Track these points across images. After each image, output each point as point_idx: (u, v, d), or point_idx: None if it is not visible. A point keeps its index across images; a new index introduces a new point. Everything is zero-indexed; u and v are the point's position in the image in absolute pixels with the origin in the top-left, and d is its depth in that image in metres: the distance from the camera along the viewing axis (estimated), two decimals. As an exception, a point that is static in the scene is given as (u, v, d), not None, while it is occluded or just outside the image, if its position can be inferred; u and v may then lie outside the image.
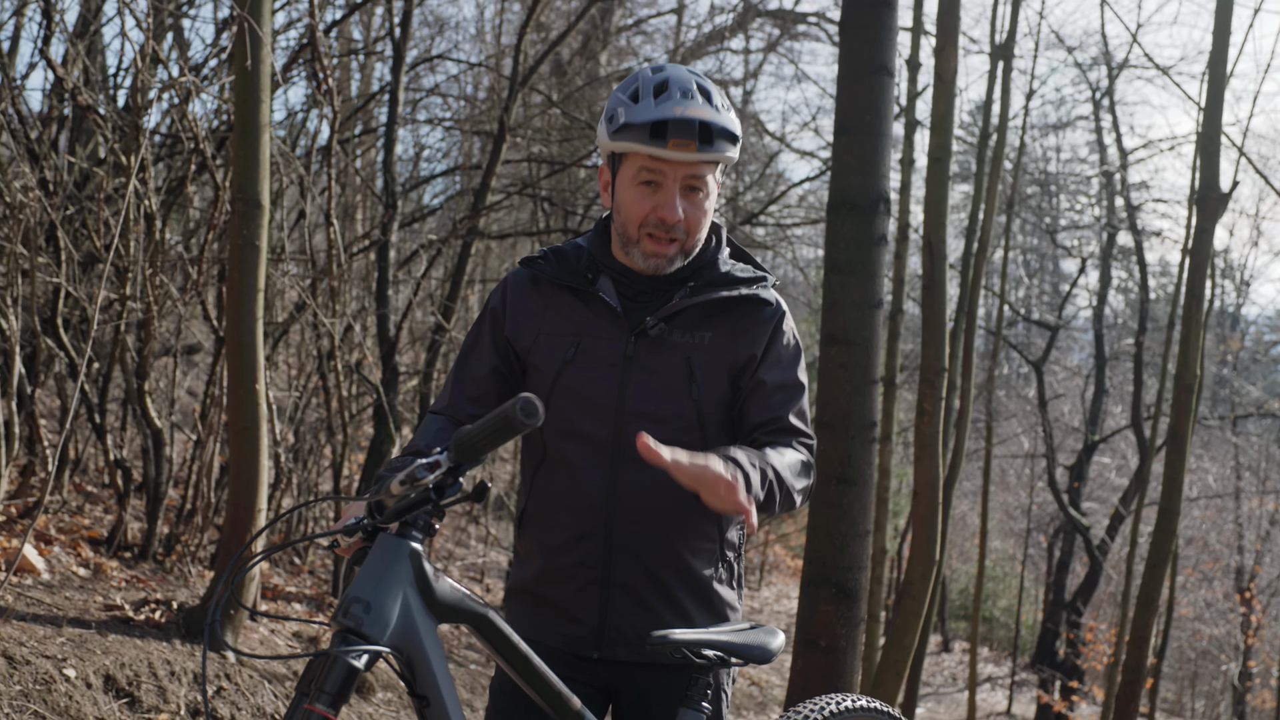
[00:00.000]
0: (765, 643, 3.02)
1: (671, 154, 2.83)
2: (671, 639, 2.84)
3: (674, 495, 2.87)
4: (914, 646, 8.02)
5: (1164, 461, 10.67)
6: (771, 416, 3.06)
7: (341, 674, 2.25)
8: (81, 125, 8.25)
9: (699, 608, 3.09)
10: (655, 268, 3.00)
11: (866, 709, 3.34)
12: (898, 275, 14.95)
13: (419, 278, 10.99)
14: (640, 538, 3.00)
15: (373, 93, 13.81)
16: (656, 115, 2.82)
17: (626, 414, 2.98)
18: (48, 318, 7.04)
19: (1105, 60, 21.06)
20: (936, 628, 30.57)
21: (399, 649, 2.36)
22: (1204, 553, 28.06)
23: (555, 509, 3.06)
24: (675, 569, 3.04)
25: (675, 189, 2.91)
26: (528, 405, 2.21)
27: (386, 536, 2.40)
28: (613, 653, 3.05)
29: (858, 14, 6.28)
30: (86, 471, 8.74)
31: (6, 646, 4.67)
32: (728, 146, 2.89)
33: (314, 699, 2.23)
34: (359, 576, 2.35)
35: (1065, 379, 29.00)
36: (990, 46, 14.10)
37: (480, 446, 2.30)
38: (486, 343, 3.18)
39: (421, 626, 2.39)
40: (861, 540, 6.12)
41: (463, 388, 3.17)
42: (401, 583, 2.36)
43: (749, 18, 19.88)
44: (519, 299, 3.16)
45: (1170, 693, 31.51)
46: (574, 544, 3.02)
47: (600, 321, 3.06)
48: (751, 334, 3.07)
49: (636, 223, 2.96)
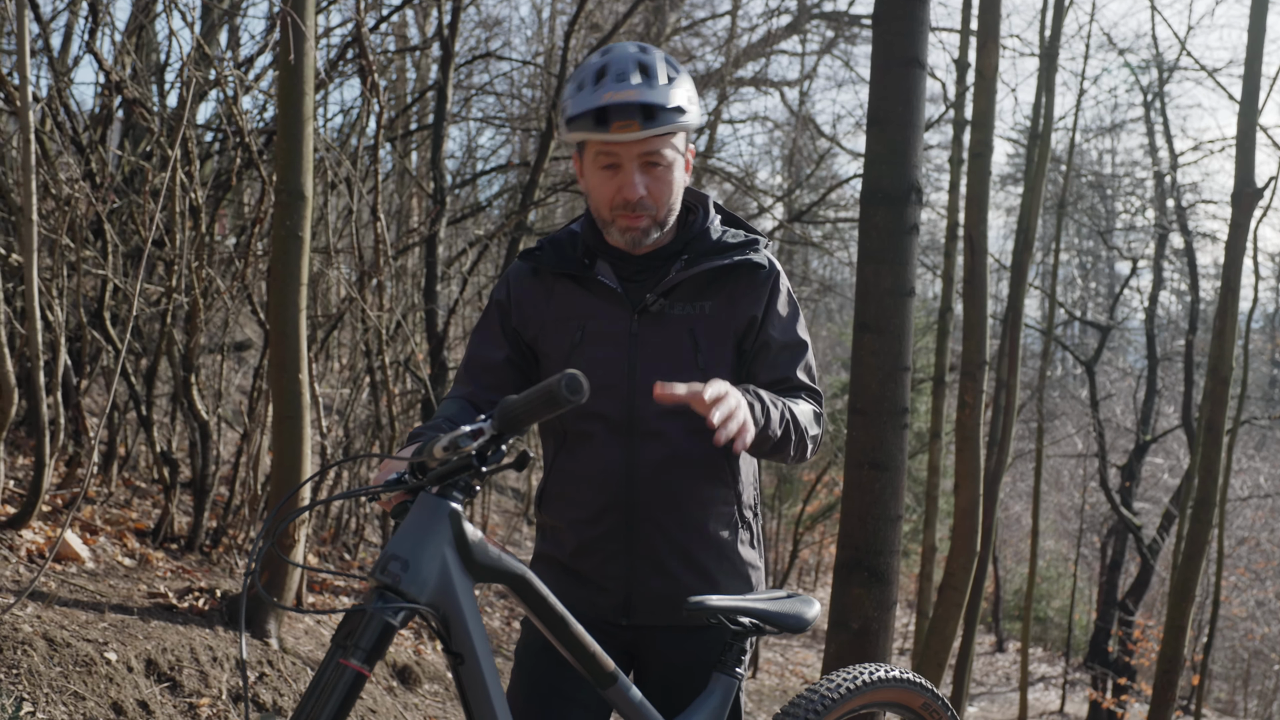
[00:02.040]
0: (801, 611, 3.08)
1: (617, 136, 2.87)
2: (708, 605, 2.90)
3: (690, 464, 3.02)
4: (955, 636, 8.02)
5: (1199, 454, 10.68)
6: (781, 376, 3.13)
7: (377, 630, 2.27)
8: (131, 120, 8.35)
9: (722, 569, 3.15)
10: (633, 242, 3.05)
11: (900, 679, 3.38)
12: (947, 274, 14.91)
13: (466, 273, 11.03)
14: (660, 507, 3.06)
15: (423, 89, 13.89)
16: (595, 103, 2.85)
17: (638, 390, 3.04)
18: (95, 310, 7.12)
19: (1156, 62, 20.94)
20: (991, 628, 30.51)
21: (436, 607, 2.38)
22: (1255, 552, 27.85)
23: (578, 486, 3.10)
24: (696, 534, 3.10)
25: (633, 168, 2.95)
26: (573, 381, 2.22)
27: (427, 496, 2.41)
28: (642, 620, 3.10)
29: (890, 7, 6.30)
30: (136, 467, 8.83)
31: (47, 629, 4.73)
32: (675, 117, 2.90)
33: (349, 654, 2.25)
34: (398, 534, 2.37)
35: (1118, 379, 28.87)
36: (1039, 48, 14.06)
37: (523, 417, 2.31)
38: (497, 332, 3.25)
39: (459, 586, 2.41)
40: (893, 524, 6.14)
41: (476, 376, 3.22)
42: (440, 542, 2.37)
43: (803, 20, 19.89)
44: (522, 290, 3.22)
45: (1223, 692, 31.30)
46: (598, 518, 3.08)
47: (602, 304, 3.11)
48: (750, 296, 3.12)
49: (606, 205, 3.02)
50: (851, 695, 3.23)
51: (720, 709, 2.98)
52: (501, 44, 17.85)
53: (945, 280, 15.02)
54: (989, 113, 8.24)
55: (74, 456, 7.20)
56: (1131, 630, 21.74)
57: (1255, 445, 28.37)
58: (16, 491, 6.64)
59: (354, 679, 2.24)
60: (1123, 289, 25.50)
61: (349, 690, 2.23)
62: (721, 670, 3.02)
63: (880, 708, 3.42)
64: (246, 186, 10.34)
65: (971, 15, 13.05)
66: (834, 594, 6.27)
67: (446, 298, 11.49)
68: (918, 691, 3.43)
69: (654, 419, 3.02)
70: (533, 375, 3.24)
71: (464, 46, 14.05)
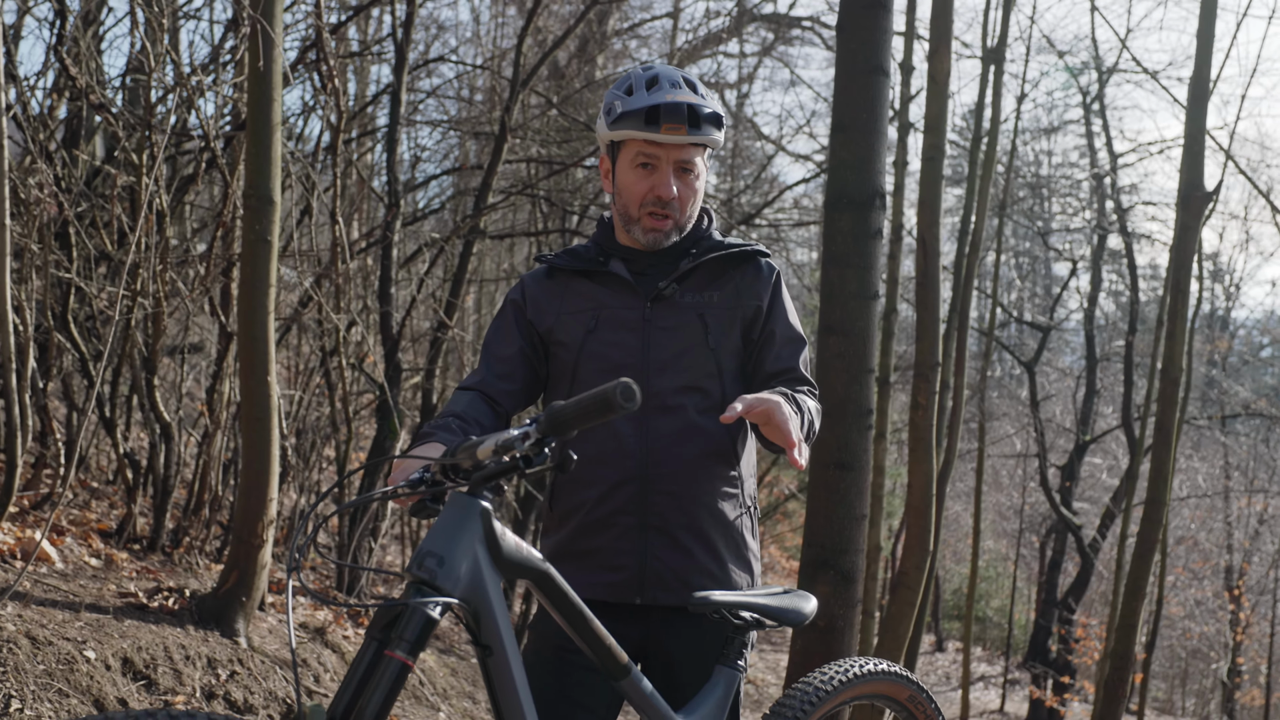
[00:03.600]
0: (799, 606, 3.23)
1: (664, 137, 3.14)
2: (712, 600, 3.03)
3: (700, 441, 3.23)
4: (909, 635, 8.15)
5: (1151, 453, 10.88)
6: (786, 367, 3.34)
7: (420, 623, 2.35)
8: (83, 124, 8.36)
9: (730, 551, 3.31)
10: (654, 242, 3.29)
11: (888, 672, 3.53)
12: (892, 276, 15.03)
13: (421, 276, 11.08)
14: (674, 480, 3.23)
15: (375, 93, 13.92)
16: (650, 102, 3.13)
17: (652, 368, 3.24)
18: (59, 313, 7.15)
19: (1095, 65, 21.21)
20: (930, 627, 30.70)
21: (467, 601, 2.48)
22: (1194, 552, 28.22)
23: (591, 467, 3.24)
24: (708, 510, 3.27)
25: (669, 170, 3.22)
26: (627, 390, 2.29)
27: (459, 495, 2.51)
28: (654, 597, 3.24)
29: (854, 17, 6.51)
30: (89, 469, 8.83)
31: (30, 628, 4.79)
32: (714, 130, 3.20)
33: (394, 646, 2.33)
34: (433, 531, 2.47)
35: (1057, 380, 29.20)
36: (982, 50, 14.22)
37: (573, 422, 2.37)
38: (511, 327, 3.42)
39: (489, 581, 2.51)
40: (858, 524, 6.31)
41: (491, 367, 3.39)
42: (472, 539, 2.48)
43: (743, 22, 19.98)
44: (537, 289, 3.42)
45: (1161, 691, 31.68)
46: (612, 492, 3.24)
47: (616, 294, 3.32)
48: (755, 288, 3.36)
49: (637, 202, 3.26)
50: (843, 688, 3.37)
51: (724, 700, 3.11)
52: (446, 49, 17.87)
53: (890, 282, 15.14)
54: (941, 117, 8.39)
55: (39, 458, 7.22)
56: (1074, 629, 22.01)
57: (1193, 445, 28.73)
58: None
59: (400, 670, 2.33)
60: (1062, 290, 25.78)
61: (395, 680, 2.32)
62: (724, 663, 3.15)
63: (870, 700, 3.57)
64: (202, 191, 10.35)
65: (916, 18, 13.16)
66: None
67: (400, 300, 11.53)
68: (904, 684, 3.59)
69: (667, 395, 3.22)
70: (541, 369, 3.42)
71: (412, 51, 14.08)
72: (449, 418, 3.15)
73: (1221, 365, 29.67)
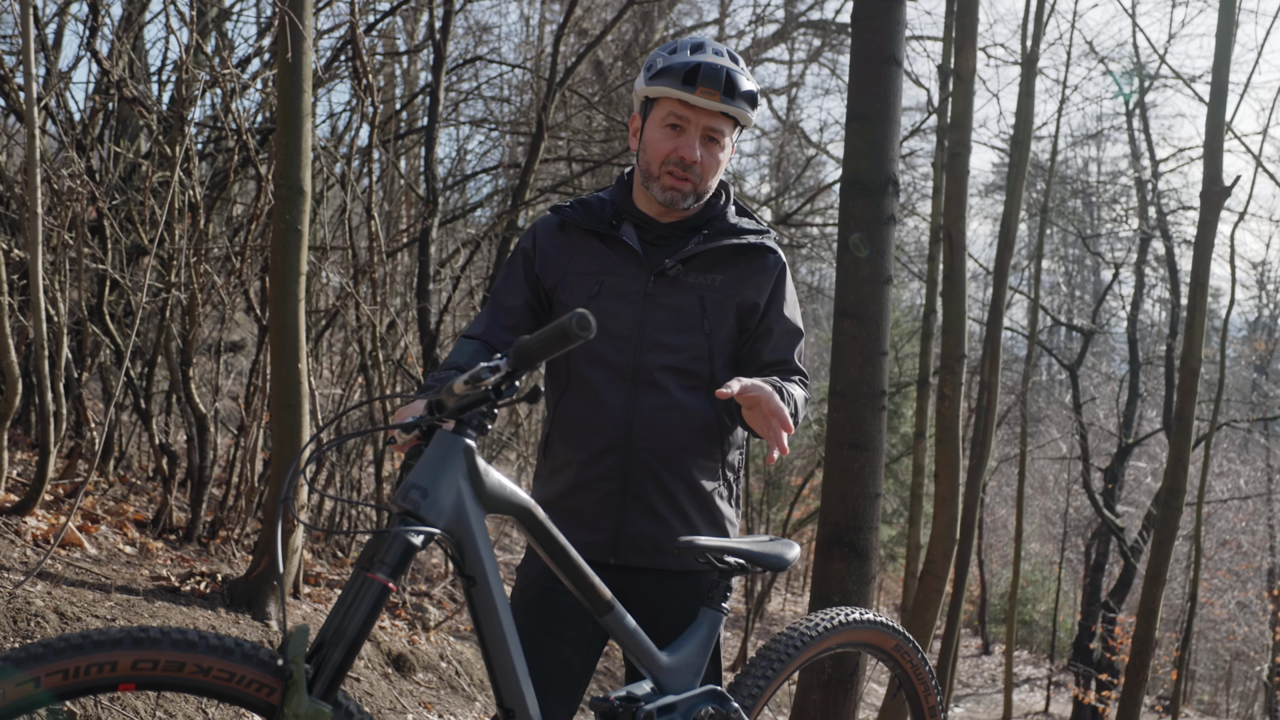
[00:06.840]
0: (781, 553, 3.30)
1: (698, 100, 3.19)
2: (697, 544, 3.11)
3: (684, 417, 3.30)
4: (935, 622, 8.17)
5: (1171, 443, 11.00)
6: (781, 357, 3.42)
7: (400, 549, 2.42)
8: (125, 120, 8.46)
9: (703, 518, 3.39)
10: (670, 201, 3.31)
11: (873, 621, 3.60)
12: (930, 277, 15.07)
13: (459, 274, 11.15)
14: (655, 453, 3.29)
15: (415, 92, 14.00)
16: (690, 61, 3.19)
17: (646, 344, 3.30)
18: (94, 306, 7.24)
19: (1137, 71, 21.14)
20: (977, 631, 30.61)
21: (451, 533, 2.55)
22: (1237, 555, 28.01)
23: (580, 429, 3.34)
24: (684, 482, 3.34)
25: (696, 135, 3.26)
26: (582, 320, 2.37)
27: (443, 432, 2.58)
28: (627, 559, 3.33)
29: (868, 8, 6.65)
30: (130, 465, 8.91)
31: (59, 604, 4.86)
32: (746, 106, 3.24)
33: (375, 569, 2.39)
34: (419, 466, 2.54)
35: (1101, 384, 29.02)
36: (1021, 56, 14.24)
37: (537, 354, 2.46)
38: (519, 278, 3.49)
39: (471, 515, 2.59)
40: (872, 502, 6.40)
41: (497, 317, 3.46)
42: (456, 474, 2.55)
43: (790, 28, 20.02)
44: (547, 241, 3.47)
45: (1206, 694, 31.46)
46: (596, 459, 3.31)
47: (623, 262, 3.37)
48: (757, 280, 3.41)
49: (660, 160, 3.29)
50: (828, 634, 3.45)
51: (708, 639, 3.20)
52: (489, 50, 17.96)
53: (929, 284, 15.17)
54: (967, 114, 8.45)
55: (75, 448, 7.30)
56: (1114, 629, 21.89)
57: (1237, 448, 28.54)
58: (20, 481, 6.75)
59: (380, 591, 2.39)
60: (1105, 294, 25.67)
61: (375, 602, 2.39)
62: (709, 605, 3.24)
63: (855, 648, 3.63)
64: (238, 188, 10.45)
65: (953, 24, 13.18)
66: (815, 569, 6.52)
67: (439, 298, 11.61)
68: (890, 634, 3.65)
69: (656, 371, 3.28)
70: (545, 321, 3.48)
71: (455, 51, 14.16)
72: (450, 370, 3.23)
73: (1263, 368, 29.46)
